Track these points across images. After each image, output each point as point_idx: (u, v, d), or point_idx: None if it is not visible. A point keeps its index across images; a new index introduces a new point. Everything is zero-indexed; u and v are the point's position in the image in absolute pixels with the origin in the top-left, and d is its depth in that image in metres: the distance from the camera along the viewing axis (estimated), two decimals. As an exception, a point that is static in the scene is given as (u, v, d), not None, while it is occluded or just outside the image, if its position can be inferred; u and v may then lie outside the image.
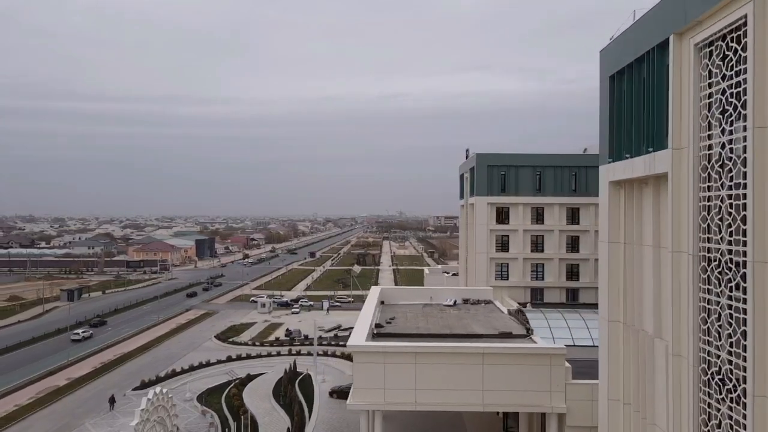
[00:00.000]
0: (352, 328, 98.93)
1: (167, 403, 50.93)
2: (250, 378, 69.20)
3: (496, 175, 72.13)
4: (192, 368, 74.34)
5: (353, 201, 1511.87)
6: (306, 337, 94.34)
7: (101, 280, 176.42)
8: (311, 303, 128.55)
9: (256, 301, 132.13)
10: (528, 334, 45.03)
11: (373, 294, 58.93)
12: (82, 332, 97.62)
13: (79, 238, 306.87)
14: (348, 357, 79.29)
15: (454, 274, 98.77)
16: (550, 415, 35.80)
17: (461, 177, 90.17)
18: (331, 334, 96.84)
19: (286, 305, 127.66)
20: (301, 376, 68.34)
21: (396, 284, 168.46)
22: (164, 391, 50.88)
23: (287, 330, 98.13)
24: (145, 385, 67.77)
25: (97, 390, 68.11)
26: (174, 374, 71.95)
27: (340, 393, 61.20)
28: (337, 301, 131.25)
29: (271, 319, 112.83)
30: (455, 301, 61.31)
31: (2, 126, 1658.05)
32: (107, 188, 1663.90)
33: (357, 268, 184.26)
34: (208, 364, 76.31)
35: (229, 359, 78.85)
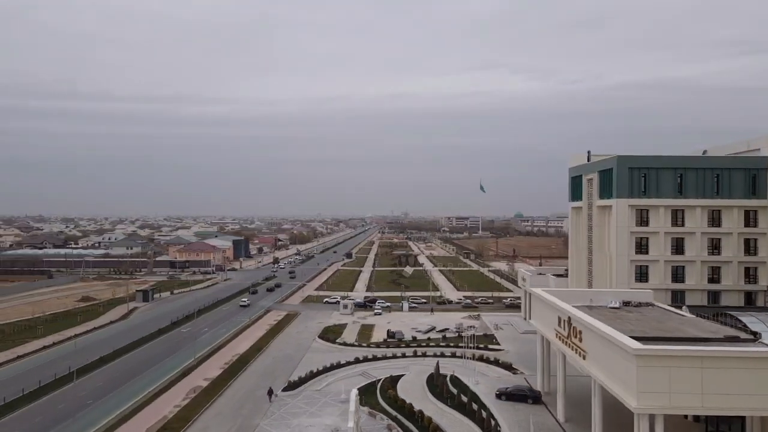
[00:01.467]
0: (447, 329, 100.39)
1: (356, 405, 51.12)
2: (393, 379, 68.99)
3: (636, 177, 72.05)
4: (326, 369, 74.11)
5: (355, 201, 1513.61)
6: (414, 338, 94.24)
7: (157, 280, 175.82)
8: (389, 304, 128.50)
9: (329, 302, 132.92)
10: (756, 338, 44.86)
11: (551, 297, 58.67)
12: (247, 300, 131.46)
13: (109, 239, 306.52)
14: (479, 358, 78.96)
15: (556, 275, 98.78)
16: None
17: (573, 179, 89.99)
18: (439, 335, 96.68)
19: (363, 306, 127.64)
20: (446, 377, 68.11)
21: (455, 286, 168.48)
22: (356, 393, 51.00)
23: (389, 331, 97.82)
24: (292, 386, 67.74)
25: (245, 390, 67.90)
26: (312, 375, 71.66)
27: (509, 395, 61.00)
28: (413, 302, 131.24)
29: (359, 320, 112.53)
30: (620, 304, 61.27)
31: (8, 126, 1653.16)
32: (107, 188, 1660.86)
33: (409, 269, 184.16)
34: (339, 366, 76.05)
35: (357, 360, 78.64)
